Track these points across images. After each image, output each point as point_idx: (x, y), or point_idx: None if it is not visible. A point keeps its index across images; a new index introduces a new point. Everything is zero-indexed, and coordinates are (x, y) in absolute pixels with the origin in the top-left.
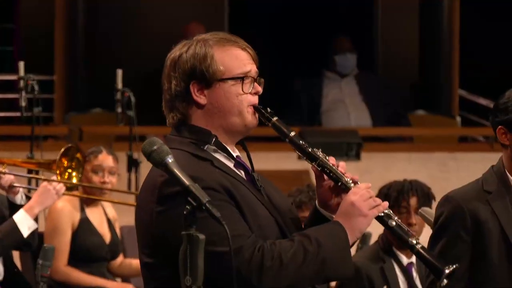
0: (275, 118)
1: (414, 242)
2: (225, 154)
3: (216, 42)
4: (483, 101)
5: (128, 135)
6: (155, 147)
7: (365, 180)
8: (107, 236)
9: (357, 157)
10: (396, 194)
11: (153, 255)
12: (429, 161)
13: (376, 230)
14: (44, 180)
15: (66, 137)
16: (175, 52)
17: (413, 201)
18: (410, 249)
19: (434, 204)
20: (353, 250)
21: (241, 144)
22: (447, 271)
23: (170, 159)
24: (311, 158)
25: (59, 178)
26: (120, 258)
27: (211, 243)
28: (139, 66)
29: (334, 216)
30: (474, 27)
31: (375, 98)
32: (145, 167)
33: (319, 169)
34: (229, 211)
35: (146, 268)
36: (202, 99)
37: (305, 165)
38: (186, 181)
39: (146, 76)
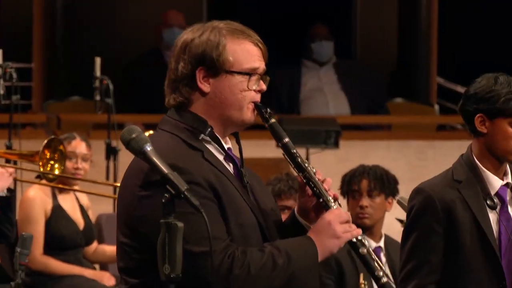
0: (273, 120)
1: (381, 274)
2: (217, 146)
3: (230, 33)
4: (461, 89)
5: (106, 123)
6: (134, 135)
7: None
8: (80, 223)
9: (336, 145)
10: (349, 178)
11: (129, 236)
12: (408, 149)
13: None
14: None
15: (44, 125)
16: (187, 34)
17: (364, 184)
18: (375, 281)
19: (403, 188)
20: None
21: (234, 136)
22: None
23: (149, 147)
24: (299, 168)
25: (41, 169)
26: (94, 244)
27: (185, 240)
28: (118, 54)
29: (310, 226)
30: (452, 15)
31: (354, 86)
32: (124, 155)
33: (304, 181)
34: (209, 210)
35: (121, 247)
36: (206, 87)
37: None
38: (164, 169)
39: (125, 64)
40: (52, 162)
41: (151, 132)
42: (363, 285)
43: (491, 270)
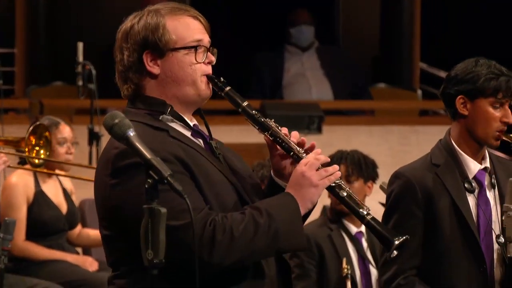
0: (228, 88)
1: (365, 213)
2: (181, 123)
3: (168, 12)
4: (444, 74)
5: (89, 108)
6: (116, 121)
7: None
8: (63, 207)
9: (319, 130)
10: (327, 164)
11: (110, 228)
12: (390, 134)
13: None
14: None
15: (26, 110)
16: (126, 23)
17: (341, 169)
18: (360, 219)
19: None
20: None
21: (198, 113)
22: (397, 242)
23: (131, 133)
24: (264, 127)
25: (27, 155)
26: (78, 228)
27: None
28: (100, 39)
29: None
30: (435, 1)
31: (337, 71)
32: (106, 140)
33: (271, 138)
34: (182, 183)
35: (105, 240)
36: (155, 69)
37: None
38: (147, 154)
39: (107, 49)
40: (37, 148)
41: None
42: (346, 270)
43: (471, 254)
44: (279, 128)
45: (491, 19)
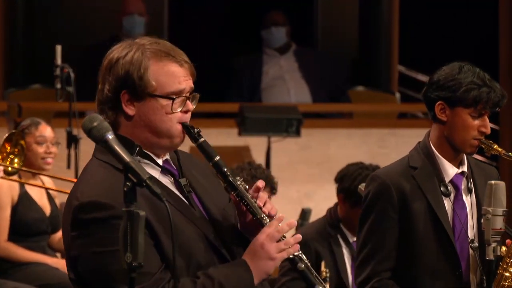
0: (202, 139)
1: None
2: (149, 163)
3: (154, 55)
4: (422, 77)
5: (68, 111)
6: (95, 124)
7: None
8: (47, 209)
9: (297, 133)
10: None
11: (72, 272)
12: (369, 137)
13: (317, 205)
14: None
15: (5, 113)
16: (113, 53)
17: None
18: None
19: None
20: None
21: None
22: None
23: (110, 136)
24: (231, 187)
25: (1, 162)
26: (59, 233)
27: (113, 279)
28: (78, 42)
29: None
30: (414, 4)
31: (315, 74)
32: (85, 143)
33: (237, 198)
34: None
35: (71, 282)
36: (131, 110)
37: (246, 141)
38: (126, 157)
39: (85, 51)
40: (12, 156)
41: None
42: (324, 273)
43: (446, 257)
44: (247, 188)
45: (469, 23)
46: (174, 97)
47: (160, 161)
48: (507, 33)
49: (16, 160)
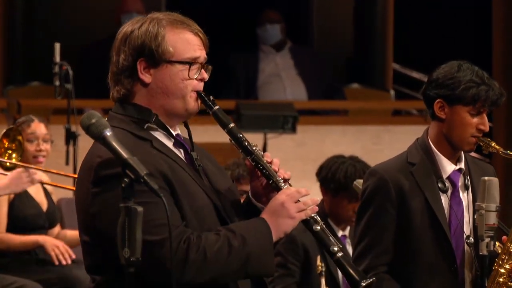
0: (216, 107)
1: (336, 249)
2: (165, 133)
3: (169, 23)
4: (416, 75)
5: (66, 108)
6: (93, 120)
7: (300, 152)
8: (44, 205)
9: (293, 130)
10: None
11: (88, 233)
12: (363, 133)
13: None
14: (22, 166)
15: (4, 110)
16: (127, 26)
17: None
18: (331, 256)
19: None
20: None
21: (184, 124)
22: (363, 284)
23: (108, 132)
24: (247, 152)
25: None
26: (57, 229)
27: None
28: (77, 40)
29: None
30: (408, 3)
31: (311, 71)
32: (83, 140)
33: (253, 163)
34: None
35: (83, 245)
36: (147, 78)
37: None
38: (124, 154)
39: (84, 49)
40: (9, 151)
41: None
42: (320, 267)
43: (442, 253)
44: (262, 153)
45: (463, 22)
46: (191, 62)
47: (174, 133)
48: (500, 31)
49: (14, 155)
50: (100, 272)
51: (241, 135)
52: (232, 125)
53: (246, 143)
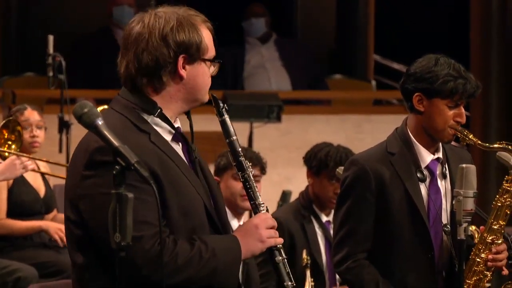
0: (226, 116)
1: (289, 284)
2: (166, 126)
3: (200, 20)
4: (397, 66)
5: (59, 98)
6: (85, 110)
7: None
8: (41, 190)
9: (278, 119)
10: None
11: (72, 211)
12: (346, 122)
13: (297, 187)
14: (14, 154)
15: (0, 100)
16: (160, 22)
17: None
18: None
19: None
20: (273, 208)
21: (186, 114)
22: None
23: (100, 121)
24: (240, 167)
25: None
26: (53, 213)
27: None
28: (70, 32)
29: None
30: None
31: (295, 63)
32: (76, 128)
33: (242, 180)
34: (145, 196)
35: (66, 222)
36: (184, 73)
37: None
38: (115, 142)
39: (76, 41)
40: (9, 142)
41: (105, 106)
42: (305, 260)
43: (420, 240)
44: (252, 173)
45: (442, 14)
46: (214, 60)
47: (175, 125)
48: (478, 23)
49: (13, 146)
50: (79, 252)
51: (239, 149)
52: (235, 137)
53: (242, 159)
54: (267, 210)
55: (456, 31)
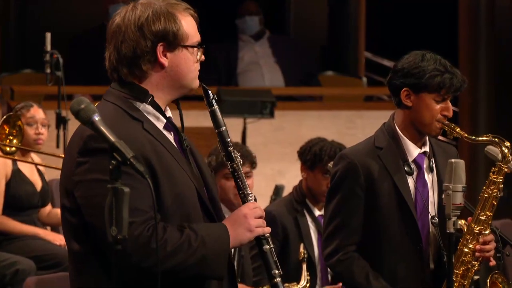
0: (216, 107)
1: (276, 273)
2: (158, 115)
3: (180, 9)
4: (387, 63)
5: (57, 94)
6: (82, 106)
7: (278, 136)
8: (38, 184)
9: (271, 115)
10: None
11: (67, 199)
12: (338, 118)
13: (290, 182)
14: (16, 147)
15: None
16: (136, 13)
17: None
18: (269, 278)
19: None
20: (266, 202)
21: (176, 103)
22: None
23: (96, 117)
24: (229, 157)
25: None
26: (48, 207)
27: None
28: (67, 29)
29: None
30: None
31: (288, 59)
32: (73, 124)
33: (230, 170)
34: (137, 184)
35: (62, 210)
36: (165, 61)
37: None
38: (111, 137)
39: (73, 38)
40: (10, 137)
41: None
42: (302, 254)
43: (409, 233)
44: (241, 164)
45: (431, 11)
46: (198, 46)
47: (167, 114)
48: (466, 19)
49: (14, 141)
50: (75, 240)
51: (229, 140)
52: (224, 128)
53: (231, 149)
54: (255, 200)
55: (446, 28)
